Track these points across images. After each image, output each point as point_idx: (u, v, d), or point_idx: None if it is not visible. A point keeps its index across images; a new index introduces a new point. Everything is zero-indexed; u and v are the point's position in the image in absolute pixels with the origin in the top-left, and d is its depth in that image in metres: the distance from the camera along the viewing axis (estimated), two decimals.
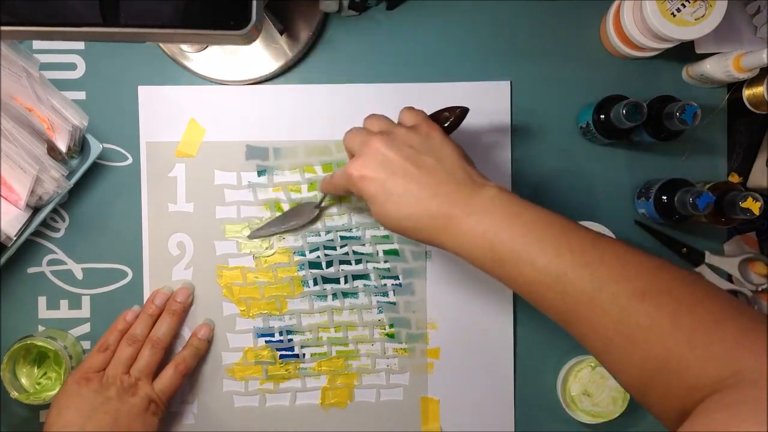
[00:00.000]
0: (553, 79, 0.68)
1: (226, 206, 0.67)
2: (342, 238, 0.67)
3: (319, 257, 0.67)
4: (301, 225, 0.66)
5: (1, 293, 0.66)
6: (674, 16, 0.58)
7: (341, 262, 0.67)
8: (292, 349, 0.67)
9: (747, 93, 0.64)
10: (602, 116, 0.62)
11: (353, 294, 0.67)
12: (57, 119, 0.60)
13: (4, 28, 0.43)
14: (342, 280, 0.67)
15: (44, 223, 0.66)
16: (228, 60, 0.66)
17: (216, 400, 0.67)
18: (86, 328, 0.67)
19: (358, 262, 0.67)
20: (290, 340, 0.67)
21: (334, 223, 0.67)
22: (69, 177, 0.62)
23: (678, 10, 0.58)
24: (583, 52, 0.68)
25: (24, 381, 0.65)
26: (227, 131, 0.67)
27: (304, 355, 0.67)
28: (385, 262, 0.67)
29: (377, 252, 0.67)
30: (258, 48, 0.65)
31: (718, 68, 0.62)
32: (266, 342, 0.67)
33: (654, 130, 0.62)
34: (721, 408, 0.36)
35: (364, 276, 0.67)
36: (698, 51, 0.65)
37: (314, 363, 0.67)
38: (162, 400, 0.61)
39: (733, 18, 0.64)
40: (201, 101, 0.67)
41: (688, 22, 0.58)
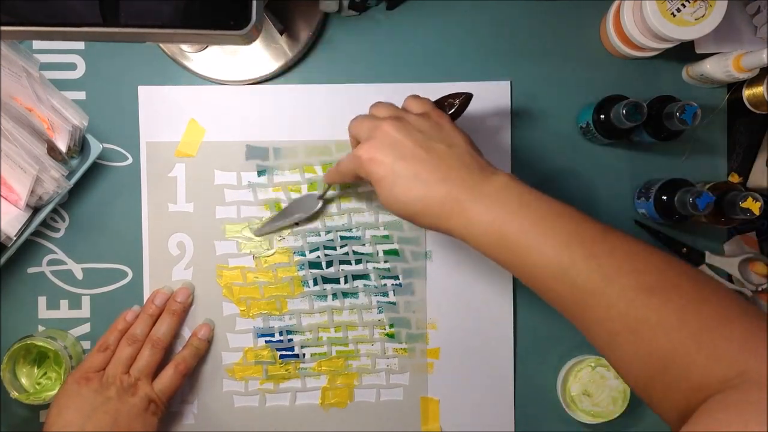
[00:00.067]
0: (553, 79, 0.68)
1: (226, 206, 0.67)
2: (342, 238, 0.67)
3: (319, 257, 0.67)
4: (306, 217, 0.66)
5: (1, 293, 0.66)
6: (674, 16, 0.58)
7: (341, 262, 0.67)
8: (292, 349, 0.67)
9: (747, 93, 0.64)
10: (602, 116, 0.62)
11: (353, 294, 0.67)
12: (57, 119, 0.60)
13: (4, 28, 0.43)
14: (342, 280, 0.67)
15: (44, 223, 0.66)
16: (228, 60, 0.66)
17: (216, 400, 0.67)
18: (86, 328, 0.67)
19: (358, 262, 0.67)
20: (290, 340, 0.67)
21: (334, 223, 0.67)
22: (69, 177, 0.62)
23: (678, 10, 0.58)
24: (583, 52, 0.68)
25: (24, 381, 0.65)
26: (227, 131, 0.67)
27: (304, 355, 0.67)
28: (385, 262, 0.67)
29: (377, 252, 0.67)
30: (258, 48, 0.65)
31: (718, 68, 0.62)
32: (266, 342, 0.67)
33: (654, 130, 0.62)
34: (725, 408, 0.36)
35: (364, 276, 0.67)
36: (698, 51, 0.65)
37: (314, 363, 0.67)
38: (162, 400, 0.62)
39: (733, 18, 0.64)
40: (201, 101, 0.67)
41: (688, 22, 0.58)
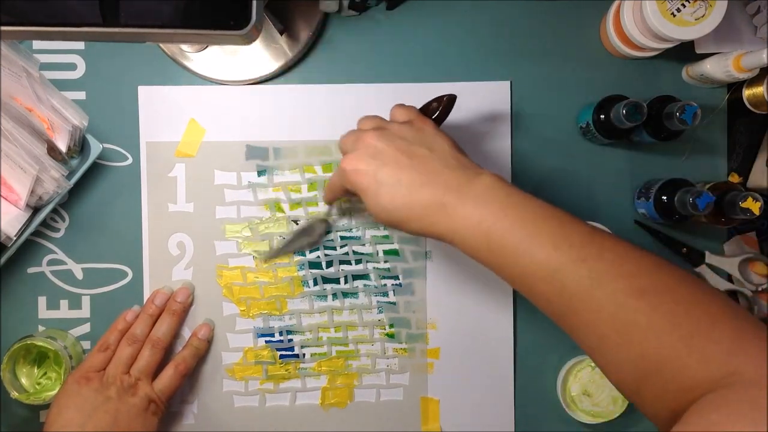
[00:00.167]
0: (553, 79, 0.68)
1: (226, 206, 0.67)
2: (342, 238, 0.67)
3: (319, 257, 0.67)
4: (313, 242, 0.65)
5: (1, 293, 0.66)
6: (674, 16, 0.58)
7: (341, 262, 0.67)
8: (292, 349, 0.67)
9: (747, 93, 0.64)
10: (602, 116, 0.62)
11: (353, 294, 0.67)
12: (57, 119, 0.60)
13: (4, 28, 0.43)
14: (342, 280, 0.67)
15: (44, 223, 0.66)
16: (228, 60, 0.66)
17: (216, 400, 0.67)
18: (86, 328, 0.67)
19: (358, 262, 0.67)
20: (290, 340, 0.67)
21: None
22: (69, 177, 0.62)
23: (678, 10, 0.58)
24: (583, 52, 0.68)
25: (24, 381, 0.65)
26: (227, 131, 0.67)
27: (304, 355, 0.67)
28: (385, 262, 0.67)
29: (377, 252, 0.67)
30: (258, 48, 0.65)
31: (718, 68, 0.62)
32: (266, 342, 0.67)
33: (654, 130, 0.62)
34: (716, 408, 0.36)
35: (364, 276, 0.67)
36: (698, 51, 0.65)
37: (314, 363, 0.67)
38: (162, 400, 0.62)
39: (733, 18, 0.64)
40: (201, 101, 0.67)
41: (688, 22, 0.58)
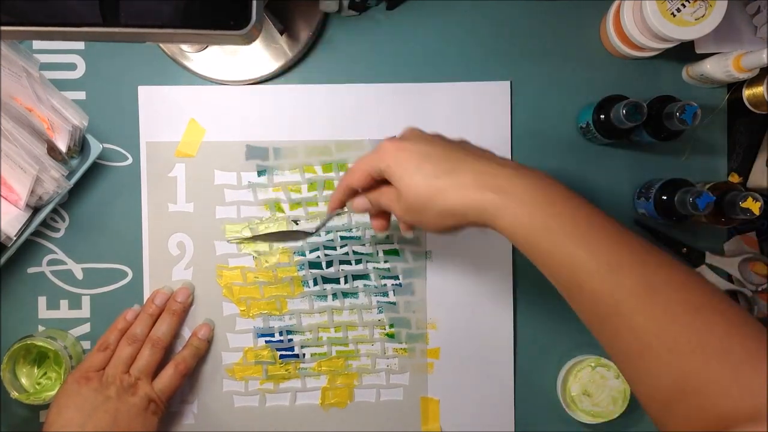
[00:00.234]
0: (553, 79, 0.68)
1: (226, 206, 0.67)
2: (342, 238, 0.67)
3: (319, 257, 0.67)
4: (292, 243, 0.67)
5: (1, 293, 0.66)
6: (674, 16, 0.58)
7: (341, 262, 0.67)
8: (292, 349, 0.67)
9: (747, 93, 0.64)
10: (602, 116, 0.62)
11: (353, 294, 0.67)
12: (57, 119, 0.60)
13: (4, 28, 0.43)
14: (342, 280, 0.67)
15: (44, 223, 0.66)
16: (228, 60, 0.66)
17: (216, 400, 0.67)
18: (86, 328, 0.67)
19: (358, 262, 0.67)
20: (290, 340, 0.67)
21: (334, 223, 0.67)
22: (69, 177, 0.62)
23: (678, 10, 0.58)
24: (583, 52, 0.68)
25: (24, 381, 0.65)
26: (227, 131, 0.67)
27: (304, 355, 0.67)
28: (385, 262, 0.67)
29: (377, 252, 0.67)
30: (258, 48, 0.65)
31: (718, 68, 0.62)
32: (266, 342, 0.67)
33: (654, 130, 0.62)
34: None
35: (364, 276, 0.67)
36: (698, 51, 0.65)
37: (314, 363, 0.67)
38: (162, 400, 0.61)
39: (733, 18, 0.64)
40: (201, 101, 0.67)
41: (688, 22, 0.58)
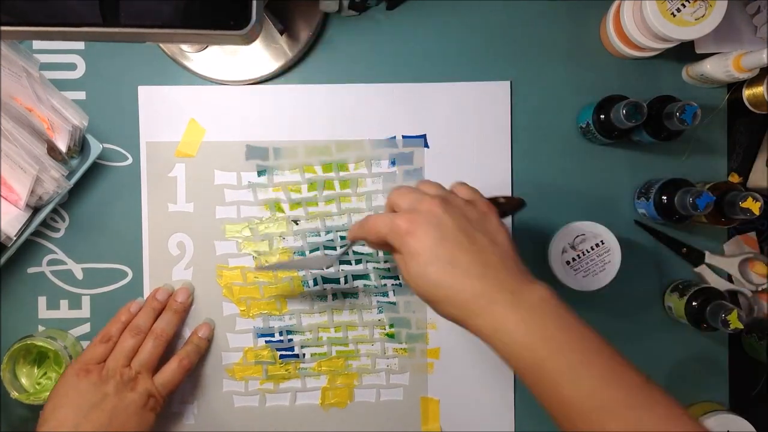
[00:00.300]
0: (553, 79, 0.68)
1: (226, 206, 0.67)
2: (342, 238, 0.67)
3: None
4: (311, 270, 0.66)
5: (1, 293, 0.66)
6: (674, 16, 0.58)
7: (341, 262, 0.67)
8: (292, 349, 0.67)
9: (747, 93, 0.64)
10: (602, 116, 0.62)
11: (353, 294, 0.67)
12: (57, 119, 0.60)
13: (4, 28, 0.42)
14: (342, 280, 0.67)
15: (44, 223, 0.66)
16: (228, 60, 0.66)
17: (216, 400, 0.67)
18: (86, 328, 0.67)
19: (358, 262, 0.67)
20: (290, 340, 0.67)
21: (334, 223, 0.67)
22: (69, 177, 0.62)
23: (678, 10, 0.58)
24: (583, 52, 0.68)
25: (24, 381, 0.65)
26: (227, 131, 0.67)
27: (304, 355, 0.67)
28: (385, 262, 0.67)
29: (377, 252, 0.67)
30: (258, 48, 0.65)
31: (718, 68, 0.62)
32: (266, 342, 0.67)
33: (654, 130, 0.62)
34: None
35: (364, 276, 0.67)
36: (698, 51, 0.65)
37: (314, 363, 0.67)
38: (162, 395, 0.61)
39: (733, 18, 0.64)
40: (201, 101, 0.67)
41: (688, 22, 0.58)
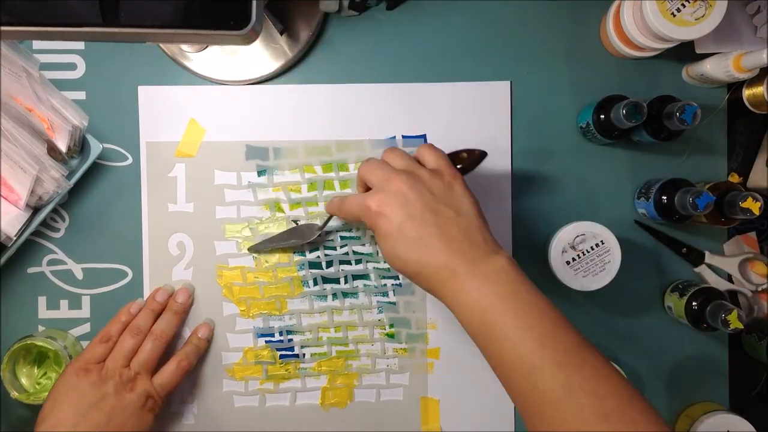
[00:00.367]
0: (553, 79, 0.68)
1: (226, 206, 0.67)
2: (342, 238, 0.67)
3: (319, 257, 0.67)
4: (300, 244, 0.66)
5: (1, 293, 0.66)
6: (674, 16, 0.58)
7: (341, 262, 0.67)
8: (292, 349, 0.67)
9: (747, 93, 0.64)
10: (602, 116, 0.62)
11: (353, 294, 0.67)
12: (57, 119, 0.60)
13: (4, 28, 0.42)
14: (342, 280, 0.67)
15: (44, 223, 0.66)
16: (228, 60, 0.66)
17: (216, 400, 0.67)
18: (86, 328, 0.67)
19: (358, 262, 0.67)
20: (290, 340, 0.67)
21: (334, 223, 0.67)
22: (69, 177, 0.62)
23: (678, 10, 0.58)
24: (583, 52, 0.68)
25: (24, 381, 0.65)
26: (227, 131, 0.67)
27: (304, 355, 0.67)
28: (385, 262, 0.67)
29: (377, 252, 0.67)
30: (258, 48, 0.65)
31: (718, 68, 0.62)
32: (266, 342, 0.67)
33: (654, 130, 0.62)
34: None
35: (364, 276, 0.67)
36: (698, 51, 0.65)
37: (314, 363, 0.67)
38: (160, 396, 0.61)
39: (733, 18, 0.64)
40: (201, 101, 0.67)
41: (688, 22, 0.58)
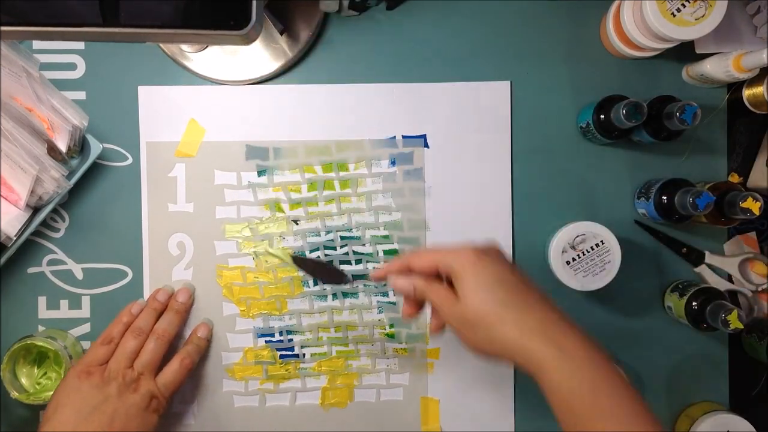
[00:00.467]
0: (553, 79, 0.68)
1: (226, 206, 0.67)
2: (342, 238, 0.67)
3: (319, 257, 0.67)
4: (329, 284, 0.66)
5: (1, 293, 0.66)
6: (674, 16, 0.58)
7: (341, 262, 0.67)
8: (292, 349, 0.67)
9: (747, 93, 0.64)
10: (602, 116, 0.62)
11: (353, 294, 0.67)
12: (57, 119, 0.60)
13: (4, 28, 0.42)
14: None
15: (44, 223, 0.66)
16: (228, 60, 0.66)
17: (216, 400, 0.67)
18: (86, 328, 0.67)
19: (358, 262, 0.67)
20: (290, 340, 0.67)
21: (334, 223, 0.67)
22: (69, 177, 0.62)
23: (678, 10, 0.58)
24: (583, 52, 0.68)
25: (24, 381, 0.65)
26: (227, 131, 0.67)
27: (304, 355, 0.67)
28: (385, 262, 0.67)
29: (377, 252, 0.67)
30: (258, 48, 0.65)
31: (718, 68, 0.62)
32: (266, 342, 0.67)
33: (654, 130, 0.62)
34: None
35: (364, 276, 0.67)
36: (698, 51, 0.65)
37: (314, 363, 0.67)
38: (164, 396, 0.60)
39: (733, 18, 0.64)
40: (201, 101, 0.67)
41: (688, 22, 0.58)
